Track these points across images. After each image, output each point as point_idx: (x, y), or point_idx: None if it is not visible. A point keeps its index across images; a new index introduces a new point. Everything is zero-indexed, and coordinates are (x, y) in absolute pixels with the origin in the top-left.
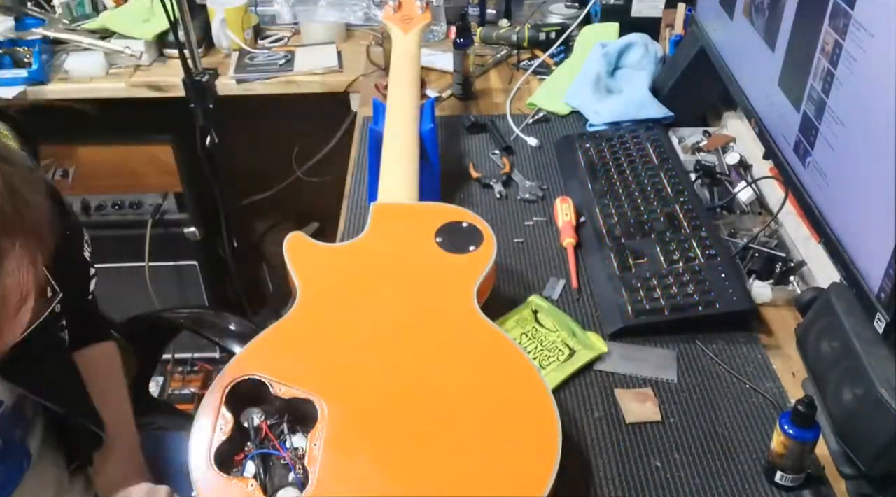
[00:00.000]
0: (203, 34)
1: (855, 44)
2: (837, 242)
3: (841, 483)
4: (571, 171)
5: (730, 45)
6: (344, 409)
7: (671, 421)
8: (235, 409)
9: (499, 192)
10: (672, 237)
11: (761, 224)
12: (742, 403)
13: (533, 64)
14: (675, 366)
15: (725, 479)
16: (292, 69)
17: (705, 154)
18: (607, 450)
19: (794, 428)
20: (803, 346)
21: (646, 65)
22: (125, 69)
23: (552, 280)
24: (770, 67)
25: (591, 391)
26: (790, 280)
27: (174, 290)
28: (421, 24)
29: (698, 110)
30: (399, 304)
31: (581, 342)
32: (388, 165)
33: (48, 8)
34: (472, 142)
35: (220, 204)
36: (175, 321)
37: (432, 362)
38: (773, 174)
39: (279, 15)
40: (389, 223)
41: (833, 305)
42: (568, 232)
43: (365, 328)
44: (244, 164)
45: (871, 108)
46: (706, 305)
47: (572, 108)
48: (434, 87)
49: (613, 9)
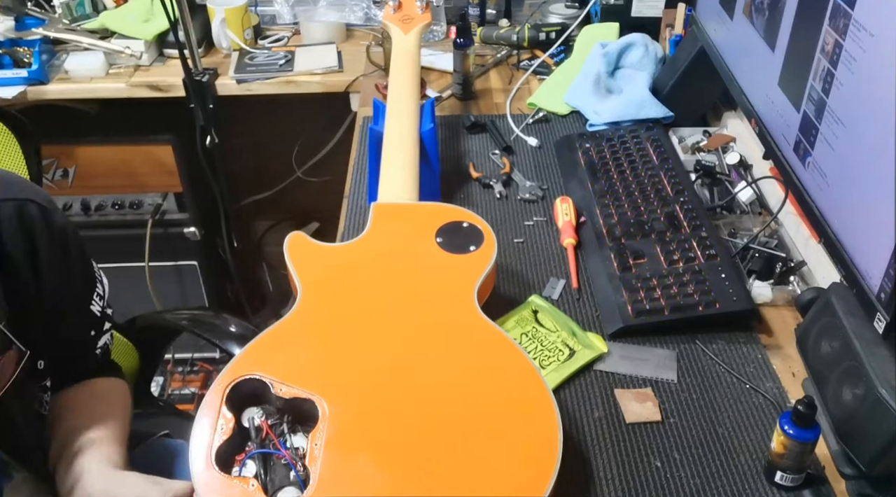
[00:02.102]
0: (203, 34)
1: (855, 44)
2: (837, 242)
3: (841, 483)
4: (571, 171)
5: (730, 45)
6: (345, 409)
7: (671, 421)
8: (236, 409)
9: (499, 192)
10: (672, 237)
11: (761, 224)
12: (742, 403)
13: (533, 64)
14: (675, 366)
15: (725, 479)
16: (292, 69)
17: (705, 154)
18: (607, 450)
19: (794, 428)
20: (803, 346)
21: (646, 65)
22: (125, 69)
23: (552, 280)
24: (770, 67)
25: (591, 391)
26: (790, 280)
27: (174, 290)
28: (421, 24)
29: (698, 110)
30: (400, 303)
31: (581, 342)
32: (388, 165)
33: (48, 8)
34: (472, 142)
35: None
36: (176, 323)
37: (433, 362)
38: (773, 174)
39: (279, 15)
40: (390, 223)
41: (833, 305)
42: (568, 232)
43: (366, 328)
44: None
45: (871, 108)
46: (706, 305)
47: (572, 108)
48: (434, 87)
49: (613, 9)
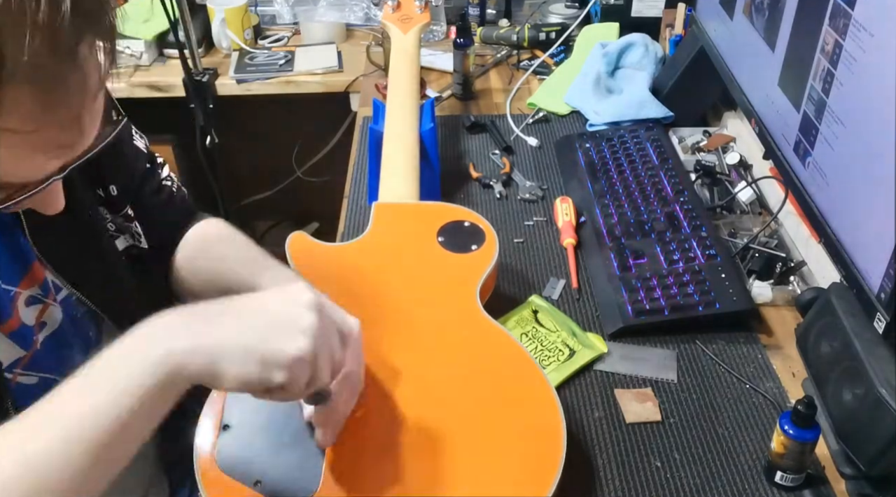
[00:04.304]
0: (203, 34)
1: (855, 44)
2: (837, 242)
3: (841, 483)
4: (571, 171)
5: (730, 45)
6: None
7: (671, 421)
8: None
9: (499, 192)
10: (672, 237)
11: (761, 224)
12: (742, 403)
13: (533, 64)
14: (675, 366)
15: (725, 479)
16: (292, 69)
17: (705, 154)
18: (607, 450)
19: (794, 428)
20: (803, 346)
21: (646, 65)
22: (125, 69)
23: (552, 280)
24: (770, 67)
25: (591, 391)
26: (790, 280)
27: None
28: (420, 23)
29: (698, 110)
30: (402, 303)
31: (581, 342)
32: (388, 165)
33: None
34: (472, 142)
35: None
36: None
37: (436, 361)
38: (773, 174)
39: (279, 15)
40: (391, 223)
41: (833, 305)
42: (568, 232)
43: (369, 327)
44: (244, 164)
45: (871, 108)
46: (706, 305)
47: (572, 108)
48: (434, 87)
49: (613, 9)
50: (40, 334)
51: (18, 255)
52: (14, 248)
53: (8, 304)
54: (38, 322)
